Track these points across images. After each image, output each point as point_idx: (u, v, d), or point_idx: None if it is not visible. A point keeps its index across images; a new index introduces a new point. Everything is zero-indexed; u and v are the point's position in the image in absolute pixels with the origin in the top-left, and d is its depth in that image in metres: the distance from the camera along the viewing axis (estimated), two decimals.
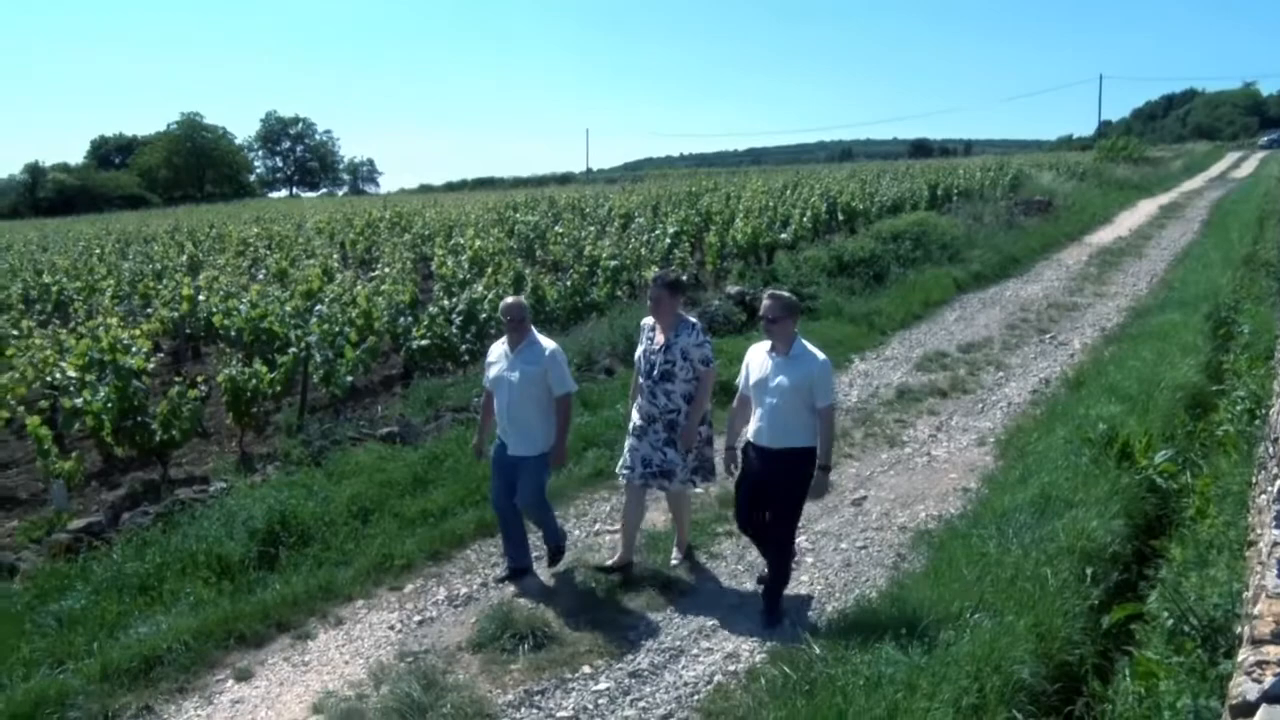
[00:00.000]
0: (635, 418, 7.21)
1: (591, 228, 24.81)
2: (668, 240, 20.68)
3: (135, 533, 8.03)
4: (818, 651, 5.80)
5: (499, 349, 7.31)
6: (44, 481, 9.62)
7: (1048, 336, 14.88)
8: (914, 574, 6.93)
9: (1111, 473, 7.90)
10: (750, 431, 6.59)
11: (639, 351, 7.23)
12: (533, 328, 7.30)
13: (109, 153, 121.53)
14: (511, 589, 7.21)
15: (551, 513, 7.46)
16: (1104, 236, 26.56)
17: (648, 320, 7.25)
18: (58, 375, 11.23)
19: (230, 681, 6.21)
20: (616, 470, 7.50)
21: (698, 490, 7.87)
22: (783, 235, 22.60)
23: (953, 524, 7.77)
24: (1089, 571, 6.36)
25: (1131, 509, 7.44)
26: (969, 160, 63.65)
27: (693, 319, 7.24)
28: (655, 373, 7.01)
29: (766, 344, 6.59)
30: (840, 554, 7.63)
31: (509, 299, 7.31)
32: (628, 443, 7.28)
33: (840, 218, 26.85)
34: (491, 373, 7.28)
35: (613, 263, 17.63)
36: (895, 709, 4.97)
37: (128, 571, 7.32)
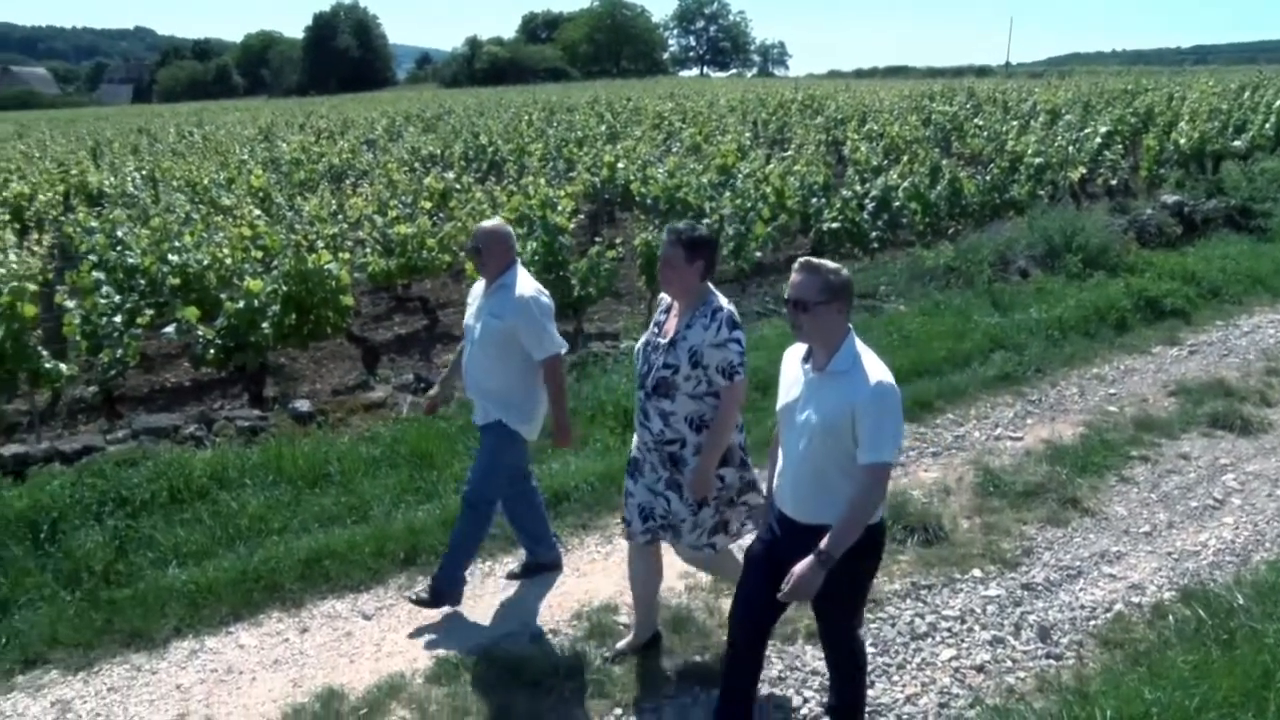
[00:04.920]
0: (631, 445, 4.95)
1: (1014, 122, 23.65)
2: (1098, 140, 19.25)
3: None
4: (1240, 601, 5.25)
5: (478, 288, 5.46)
6: None
7: None
8: None
9: None
10: (774, 485, 4.21)
11: (640, 342, 4.80)
12: (518, 265, 5.31)
13: (537, 28, 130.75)
14: (905, 479, 7.07)
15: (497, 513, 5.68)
16: None
17: (666, 296, 4.79)
18: None
19: None
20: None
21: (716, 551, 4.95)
22: (1235, 143, 20.49)
23: None
24: None
25: None
26: None
27: (721, 301, 4.57)
28: (649, 382, 4.59)
29: (804, 348, 4.04)
30: (1274, 500, 6.84)
31: (484, 223, 5.40)
32: (625, 484, 4.96)
33: None
34: (466, 316, 5.55)
35: (1037, 160, 16.56)
36: None
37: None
